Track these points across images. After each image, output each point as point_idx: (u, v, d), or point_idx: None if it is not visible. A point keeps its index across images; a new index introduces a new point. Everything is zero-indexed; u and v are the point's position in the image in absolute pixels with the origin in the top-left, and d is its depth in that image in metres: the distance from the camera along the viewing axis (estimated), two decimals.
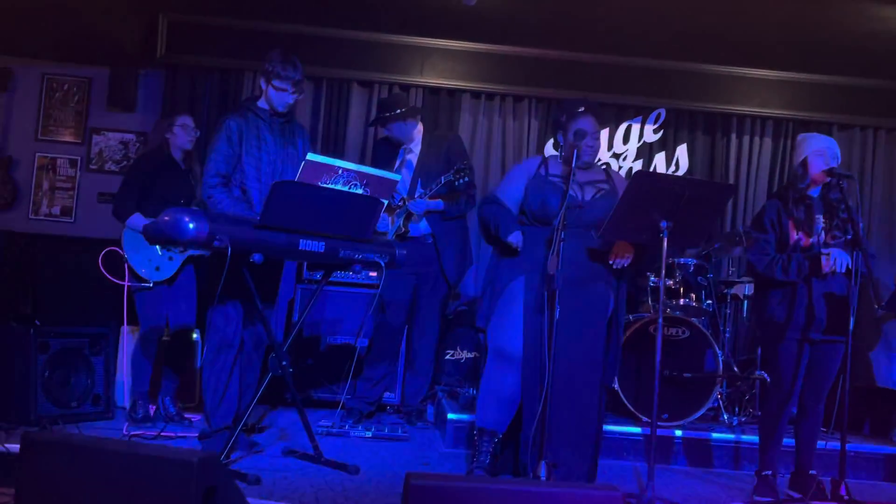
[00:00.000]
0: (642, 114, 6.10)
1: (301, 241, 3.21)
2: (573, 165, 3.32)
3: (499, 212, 3.49)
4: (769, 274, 3.52)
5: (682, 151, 6.10)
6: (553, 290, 3.13)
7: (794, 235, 3.53)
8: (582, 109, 3.48)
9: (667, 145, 6.10)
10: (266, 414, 4.65)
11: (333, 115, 5.95)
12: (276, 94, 3.53)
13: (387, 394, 4.93)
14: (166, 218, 2.95)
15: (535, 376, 3.26)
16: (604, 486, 2.48)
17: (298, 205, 3.14)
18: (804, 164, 3.59)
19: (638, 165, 6.05)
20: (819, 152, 3.57)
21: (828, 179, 3.53)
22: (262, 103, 3.59)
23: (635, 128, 6.10)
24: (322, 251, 3.28)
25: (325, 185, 3.23)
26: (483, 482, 2.48)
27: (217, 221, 3.01)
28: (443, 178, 4.34)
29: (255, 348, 3.66)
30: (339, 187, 3.28)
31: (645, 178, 3.18)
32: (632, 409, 4.43)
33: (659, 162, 6.08)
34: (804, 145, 3.61)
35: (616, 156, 6.08)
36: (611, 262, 3.39)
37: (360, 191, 3.35)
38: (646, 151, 6.10)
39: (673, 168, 6.08)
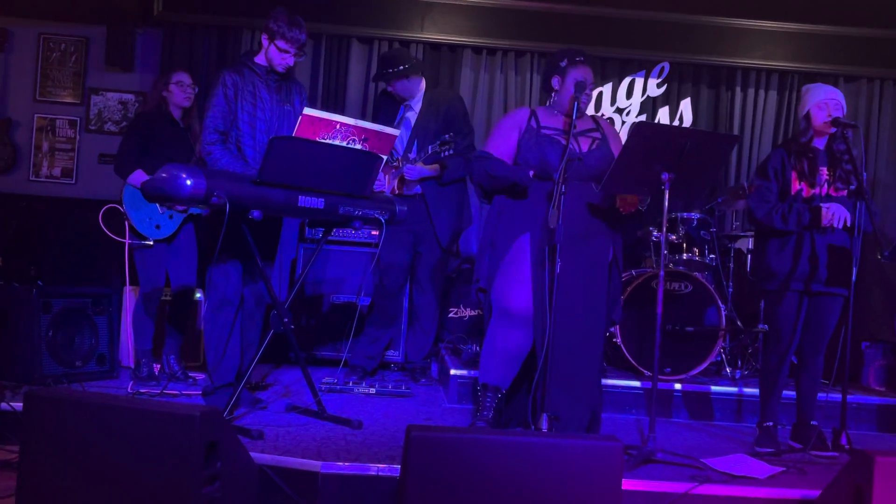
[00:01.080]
0: (645, 67, 6.02)
1: (300, 197, 3.19)
2: (574, 118, 3.27)
3: (501, 163, 3.40)
4: (768, 222, 3.49)
5: (685, 105, 6.04)
6: (554, 245, 3.11)
7: (797, 186, 3.49)
8: (581, 59, 3.42)
9: (670, 99, 6.04)
10: (270, 372, 4.69)
11: (333, 72, 5.90)
12: (278, 55, 3.46)
13: (390, 352, 4.96)
14: (164, 175, 2.93)
15: (543, 332, 3.24)
16: (605, 436, 2.50)
17: (297, 160, 3.12)
18: (807, 116, 3.57)
19: (642, 120, 5.99)
20: (821, 104, 3.53)
21: (832, 130, 3.49)
22: (259, 59, 3.52)
23: (639, 82, 6.03)
24: (321, 208, 3.27)
25: (323, 141, 3.20)
26: (484, 434, 2.49)
27: (215, 178, 2.99)
28: (430, 147, 4.30)
29: (257, 305, 3.66)
30: (337, 143, 3.25)
31: (646, 130, 3.13)
32: (634, 364, 4.44)
33: (663, 116, 6.02)
34: (807, 97, 3.57)
35: (620, 110, 6.02)
36: (620, 209, 3.36)
37: (358, 146, 3.32)
38: (649, 106, 6.03)
39: (677, 122, 6.01)
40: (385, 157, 3.39)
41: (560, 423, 3.18)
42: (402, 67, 4.47)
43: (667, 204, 3.16)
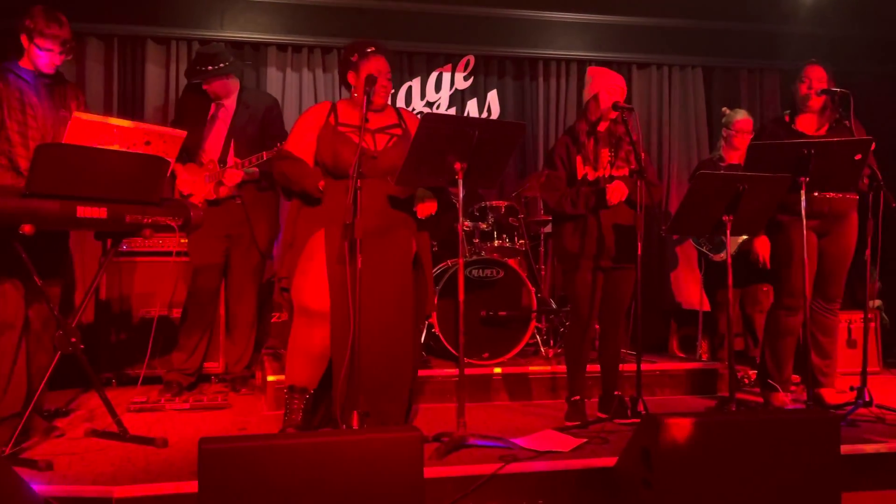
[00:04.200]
0: (452, 61, 6.11)
1: (79, 207, 2.99)
2: (365, 112, 3.25)
3: (297, 166, 3.38)
4: (560, 209, 3.66)
5: (493, 97, 6.18)
6: (353, 241, 3.08)
7: (582, 170, 3.66)
8: (371, 49, 3.41)
9: (478, 92, 6.16)
10: (77, 396, 4.38)
11: (129, 75, 5.57)
12: (41, 54, 3.24)
13: (209, 363, 4.78)
14: None
15: (344, 329, 3.21)
16: (403, 427, 2.50)
17: (71, 168, 2.92)
18: (596, 99, 3.72)
19: (451, 113, 6.08)
20: (610, 88, 3.71)
21: (614, 114, 3.68)
22: (24, 63, 3.28)
23: (446, 76, 6.11)
24: (105, 218, 3.07)
25: (98, 147, 3.01)
26: (276, 439, 2.43)
27: None
28: (255, 157, 4.22)
29: (45, 327, 3.39)
30: (115, 148, 3.07)
31: (433, 121, 3.16)
32: (453, 352, 4.50)
33: (472, 108, 6.13)
34: (595, 81, 3.74)
35: (430, 104, 6.08)
36: (419, 214, 3.39)
37: (141, 150, 3.15)
38: (458, 98, 6.13)
39: (486, 114, 6.15)
40: (170, 161, 3.24)
41: (374, 418, 3.16)
42: (222, 65, 4.37)
43: (462, 192, 3.21)
